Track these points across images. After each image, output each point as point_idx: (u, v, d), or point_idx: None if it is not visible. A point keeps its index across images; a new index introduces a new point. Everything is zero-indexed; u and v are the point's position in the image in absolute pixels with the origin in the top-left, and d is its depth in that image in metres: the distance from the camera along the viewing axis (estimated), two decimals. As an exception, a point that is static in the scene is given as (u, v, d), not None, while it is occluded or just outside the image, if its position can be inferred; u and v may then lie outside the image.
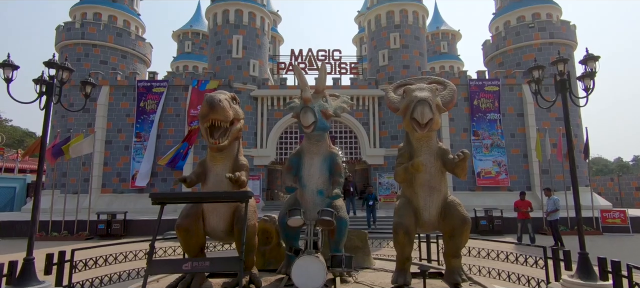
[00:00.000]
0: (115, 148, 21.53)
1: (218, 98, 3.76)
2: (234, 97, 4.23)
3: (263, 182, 21.30)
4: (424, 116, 3.62)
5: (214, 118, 3.75)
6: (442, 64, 33.06)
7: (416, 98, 3.69)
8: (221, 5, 22.94)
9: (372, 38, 24.35)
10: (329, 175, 4.64)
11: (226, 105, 3.81)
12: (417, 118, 3.66)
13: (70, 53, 22.67)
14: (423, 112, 3.61)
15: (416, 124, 3.73)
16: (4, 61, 4.19)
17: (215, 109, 3.69)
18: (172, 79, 22.31)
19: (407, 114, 3.84)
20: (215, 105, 3.68)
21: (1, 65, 4.18)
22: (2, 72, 4.21)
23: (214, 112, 3.71)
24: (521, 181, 20.57)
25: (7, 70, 4.22)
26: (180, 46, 34.24)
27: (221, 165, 4.17)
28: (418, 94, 3.74)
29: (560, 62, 4.64)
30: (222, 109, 3.73)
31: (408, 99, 3.86)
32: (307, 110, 4.43)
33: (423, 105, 3.61)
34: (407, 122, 3.85)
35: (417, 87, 4.04)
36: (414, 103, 3.67)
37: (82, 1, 23.79)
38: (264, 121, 22.04)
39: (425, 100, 3.64)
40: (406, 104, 3.86)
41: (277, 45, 34.86)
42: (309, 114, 4.43)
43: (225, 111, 3.77)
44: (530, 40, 23.06)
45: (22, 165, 30.97)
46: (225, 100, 3.89)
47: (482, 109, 21.44)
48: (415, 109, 3.65)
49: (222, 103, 3.74)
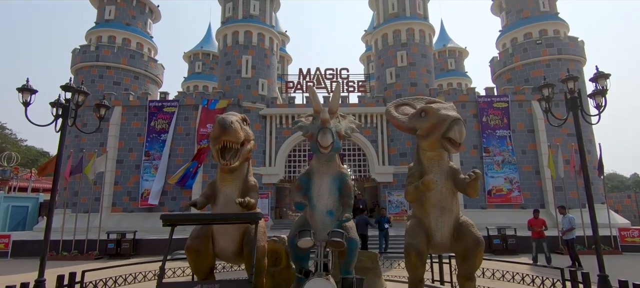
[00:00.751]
0: (126, 167, 21.79)
1: (229, 120, 3.81)
2: (244, 118, 4.28)
3: (272, 201, 21.27)
4: (462, 135, 3.64)
5: (226, 139, 3.79)
6: (450, 80, 33.10)
7: (450, 117, 3.70)
8: (231, 27, 23.49)
9: (379, 56, 24.56)
10: (339, 196, 4.63)
11: (237, 126, 3.85)
12: (454, 138, 3.66)
13: (85, 75, 23.34)
14: (461, 132, 3.63)
15: (450, 144, 3.72)
16: (23, 86, 4.33)
17: (227, 130, 3.73)
18: (182, 98, 22.69)
19: (433, 134, 3.83)
20: (227, 127, 3.73)
21: (20, 90, 4.32)
22: (20, 96, 4.35)
23: (225, 134, 3.75)
24: (534, 198, 20.17)
25: (25, 94, 4.36)
26: (191, 67, 34.96)
27: (231, 186, 4.18)
28: (450, 113, 3.76)
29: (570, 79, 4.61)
30: (234, 131, 3.77)
31: (435, 118, 3.84)
32: (327, 132, 4.47)
33: (460, 125, 3.63)
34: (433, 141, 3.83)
35: (441, 106, 4.05)
36: (448, 122, 3.67)
37: (98, 25, 24.59)
38: (272, 139, 22.17)
39: (460, 119, 3.67)
40: (433, 123, 3.84)
41: (286, 65, 35.38)
42: (328, 135, 4.46)
43: (237, 133, 3.82)
44: (538, 56, 23.02)
45: (35, 184, 31.49)
46: (237, 121, 3.94)
47: (492, 125, 21.27)
48: (451, 128, 3.65)
49: (234, 125, 3.79)
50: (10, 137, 45.23)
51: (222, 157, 3.91)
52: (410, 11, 24.13)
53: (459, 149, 3.78)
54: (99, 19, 25.05)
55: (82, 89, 4.57)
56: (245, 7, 23.94)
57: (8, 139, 44.62)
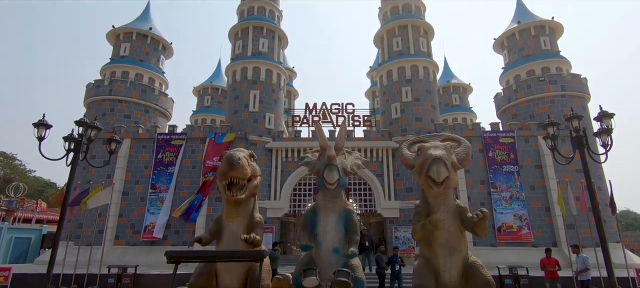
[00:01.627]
0: (131, 199, 21.80)
1: (237, 156, 3.87)
2: (251, 154, 4.34)
3: (276, 235, 20.96)
4: (440, 174, 3.61)
5: (233, 175, 3.84)
6: (455, 116, 33.32)
7: (431, 156, 3.71)
8: (240, 63, 24.21)
9: (384, 92, 24.96)
10: (345, 233, 4.58)
11: (244, 163, 3.91)
12: (433, 176, 3.65)
13: (97, 108, 23.94)
14: (439, 171, 3.61)
15: (432, 182, 3.71)
16: (40, 121, 4.48)
17: (235, 167, 3.78)
18: (190, 131, 23.02)
19: (422, 172, 3.85)
20: (235, 163, 3.78)
21: (36, 124, 4.46)
22: (36, 130, 4.49)
23: (233, 170, 3.80)
24: (545, 236, 19.64)
25: (41, 129, 4.49)
26: (200, 100, 35.74)
27: (237, 223, 4.18)
28: (433, 152, 3.77)
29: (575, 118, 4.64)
30: (241, 167, 3.83)
31: (423, 157, 3.88)
32: (333, 168, 4.52)
33: (438, 164, 3.62)
34: (423, 180, 3.84)
35: (432, 145, 4.07)
36: (429, 161, 3.69)
37: (113, 61, 25.51)
38: (278, 173, 22.18)
39: (441, 158, 3.66)
40: (421, 162, 3.88)
41: (292, 99, 36.03)
42: (334, 171, 4.51)
43: (244, 169, 3.87)
44: (541, 92, 23.22)
45: (40, 215, 31.46)
46: (244, 158, 3.99)
47: (498, 161, 21.14)
48: (430, 167, 3.66)
49: (241, 161, 3.84)
50: (19, 168, 45.81)
51: (229, 191, 3.93)
52: (414, 49, 24.76)
53: (440, 188, 3.75)
54: (114, 55, 26.01)
55: (95, 125, 4.70)
56: (255, 44, 24.78)
57: (17, 169, 45.19)
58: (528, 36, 25.57)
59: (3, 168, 43.31)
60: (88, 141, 4.65)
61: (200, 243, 4.05)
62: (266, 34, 25.42)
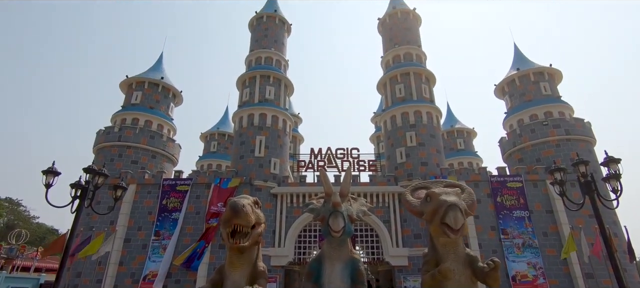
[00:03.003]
0: (132, 246, 21.41)
1: (241, 203, 3.86)
2: (256, 201, 4.32)
3: (280, 285, 20.20)
4: (458, 221, 3.58)
5: (237, 223, 3.80)
6: (461, 160, 33.21)
7: (446, 203, 3.68)
8: (247, 110, 24.78)
9: (389, 136, 25.14)
10: (351, 283, 4.43)
11: (249, 210, 3.89)
12: (449, 223, 3.61)
13: (105, 154, 24.28)
14: (456, 217, 3.58)
15: (448, 229, 3.65)
16: (49, 168, 4.55)
17: (239, 214, 3.76)
18: (196, 177, 23.06)
19: (434, 219, 3.79)
20: (239, 210, 3.77)
21: (45, 172, 4.53)
22: (44, 178, 4.55)
23: (237, 217, 3.77)
24: (563, 287, 18.70)
25: (49, 177, 4.55)
26: (206, 146, 36.19)
27: (239, 273, 4.07)
28: (447, 199, 3.74)
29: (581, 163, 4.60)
30: (245, 214, 3.80)
31: (435, 203, 3.84)
32: (338, 215, 4.47)
33: (455, 211, 3.59)
34: (435, 227, 3.78)
35: (442, 191, 4.05)
36: (445, 208, 3.65)
37: (124, 109, 26.26)
38: (282, 219, 21.85)
39: (456, 204, 3.64)
40: (434, 208, 3.83)
41: (298, 144, 36.36)
42: (340, 219, 4.46)
43: (248, 216, 3.84)
44: (546, 136, 23.23)
45: (39, 264, 30.82)
46: (248, 205, 3.98)
47: (507, 205, 20.72)
48: (447, 214, 3.62)
49: (245, 208, 3.83)
50: (23, 214, 45.73)
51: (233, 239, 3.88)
52: (416, 95, 25.26)
53: (457, 235, 3.69)
54: (125, 103, 26.81)
55: (103, 172, 4.76)
56: (261, 92, 25.50)
57: (21, 215, 45.09)
58: (528, 82, 26.08)
59: (7, 214, 43.24)
60: (95, 188, 4.68)
61: (203, 293, 3.93)
62: (273, 82, 26.22)
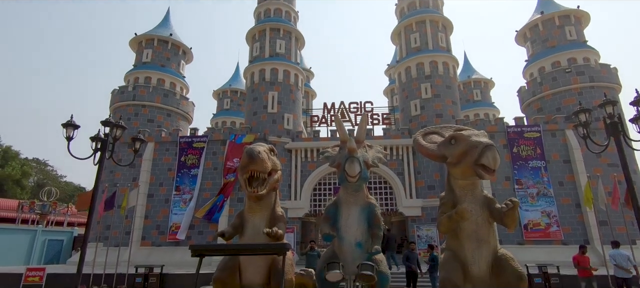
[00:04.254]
0: (156, 201, 22.35)
1: (257, 150, 3.88)
2: (271, 149, 4.34)
3: (297, 235, 21.01)
4: (497, 161, 3.55)
5: (254, 169, 3.84)
6: (477, 111, 32.52)
7: (482, 143, 3.62)
8: (258, 65, 24.45)
9: (403, 89, 24.63)
10: (367, 227, 4.51)
11: (265, 156, 3.91)
12: (488, 164, 3.56)
13: (122, 113, 24.62)
14: (495, 158, 3.55)
15: (485, 170, 3.61)
16: (68, 121, 4.64)
17: (255, 160, 3.79)
18: (211, 134, 23.40)
19: (464, 160, 3.74)
20: (255, 157, 3.79)
21: (65, 125, 4.62)
22: (64, 131, 4.65)
23: (253, 164, 3.81)
24: (576, 234, 18.84)
25: (69, 130, 4.65)
26: (219, 104, 36.33)
27: (259, 217, 4.18)
28: (481, 139, 3.68)
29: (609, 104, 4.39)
30: (262, 161, 3.83)
31: (466, 144, 3.77)
32: (354, 161, 4.47)
33: (493, 151, 3.55)
34: (464, 168, 3.74)
35: (472, 132, 3.97)
36: (481, 148, 3.59)
37: (136, 67, 26.29)
38: (298, 173, 22.24)
39: (493, 145, 3.59)
40: (464, 150, 3.76)
41: (310, 100, 36.10)
42: (355, 164, 4.46)
43: (264, 163, 3.87)
44: (568, 84, 22.33)
45: (71, 218, 32.75)
46: (264, 152, 4.00)
47: (523, 156, 20.45)
48: (484, 154, 3.57)
49: (261, 155, 3.85)
50: (51, 173, 47.90)
51: (250, 186, 3.94)
52: (432, 44, 24.32)
53: (492, 177, 3.64)
54: (137, 62, 26.79)
55: (120, 124, 4.83)
56: (272, 46, 24.97)
57: (49, 175, 47.26)
58: (552, 26, 24.66)
59: (36, 174, 45.38)
60: (113, 140, 4.77)
61: (223, 237, 4.08)
62: (283, 36, 25.57)
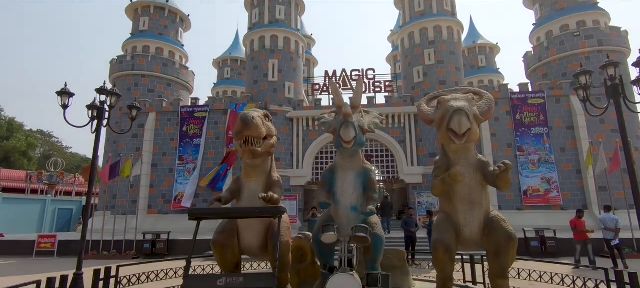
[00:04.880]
0: (160, 171, 22.65)
1: (251, 115, 3.88)
2: (266, 114, 4.33)
3: (300, 203, 21.37)
4: (462, 126, 3.48)
5: (248, 134, 3.85)
6: (481, 78, 32.01)
7: (452, 108, 3.57)
8: (258, 33, 23.95)
9: (406, 55, 24.17)
10: (363, 191, 4.56)
11: (259, 122, 3.91)
12: (454, 128, 3.52)
13: (122, 83, 24.58)
14: (460, 122, 3.47)
15: (453, 135, 3.58)
16: (62, 89, 4.62)
17: (249, 125, 3.79)
18: (212, 103, 23.34)
19: (443, 125, 3.71)
20: (249, 122, 3.79)
21: (59, 93, 4.61)
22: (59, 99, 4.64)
23: (247, 129, 3.81)
24: (575, 199, 19.02)
25: (64, 97, 4.64)
26: (220, 73, 35.96)
27: (255, 182, 4.24)
28: (454, 104, 3.62)
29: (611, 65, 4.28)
30: (255, 126, 3.83)
31: (443, 108, 3.74)
32: (349, 126, 4.43)
33: (460, 115, 3.47)
34: (443, 133, 3.72)
35: (453, 97, 3.92)
36: (451, 113, 3.54)
37: (134, 36, 25.86)
38: (299, 142, 22.31)
39: (462, 109, 3.51)
40: (442, 114, 3.73)
41: (312, 68, 35.59)
42: (350, 129, 4.43)
43: (258, 128, 3.87)
44: (576, 49, 21.77)
45: (79, 188, 33.42)
46: (258, 117, 3.99)
47: (526, 123, 20.32)
48: (452, 118, 3.52)
49: (255, 120, 3.85)
50: (56, 145, 48.38)
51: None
52: (437, 8, 23.59)
53: (462, 140, 3.60)
54: (134, 30, 26.32)
55: (115, 91, 4.81)
56: (271, 12, 24.33)
57: (55, 146, 47.74)
58: (562, -13, 23.73)
59: (42, 145, 45.86)
60: (110, 108, 4.78)
61: (219, 202, 4.15)
62: (283, 1, 24.85)
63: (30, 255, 16.24)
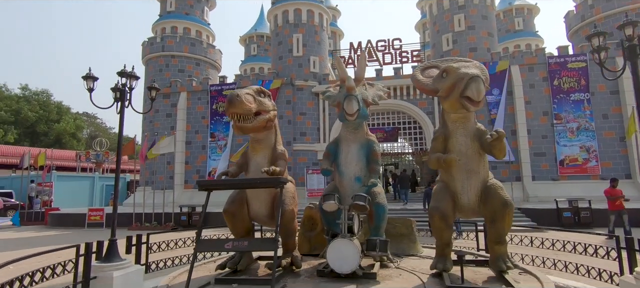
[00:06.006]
0: (193, 148, 23.76)
1: (236, 93, 4.06)
2: (261, 90, 4.49)
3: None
4: (480, 93, 3.53)
5: (233, 112, 4.06)
6: (518, 42, 30.12)
7: (468, 75, 3.59)
8: (281, 7, 23.84)
9: (435, 22, 23.20)
10: (366, 163, 4.69)
11: (244, 99, 4.07)
12: (471, 96, 3.57)
13: (154, 65, 25.63)
14: (479, 89, 3.52)
15: (469, 102, 3.62)
16: (87, 74, 5.04)
17: (233, 103, 3.99)
18: (239, 81, 23.82)
19: (453, 93, 3.74)
20: (233, 100, 3.99)
21: (85, 77, 5.04)
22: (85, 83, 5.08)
23: (232, 107, 4.02)
24: (617, 168, 17.90)
25: (89, 82, 5.07)
26: (247, 50, 36.37)
27: (260, 155, 4.50)
28: (468, 71, 3.63)
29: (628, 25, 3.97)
30: (240, 103, 4.01)
31: (454, 77, 3.73)
32: (352, 99, 4.55)
33: (478, 82, 3.52)
34: (452, 102, 3.76)
35: (461, 64, 3.89)
36: (466, 80, 3.57)
37: (162, 17, 26.63)
38: (326, 116, 22.43)
39: (479, 76, 3.55)
40: (453, 83, 3.73)
41: (338, 40, 35.07)
42: (353, 102, 4.55)
43: (243, 104, 4.04)
44: (625, 4, 19.87)
45: (123, 166, 35.87)
46: (247, 94, 4.17)
47: (565, 89, 19.11)
48: (469, 86, 3.55)
49: (239, 97, 4.02)
50: (101, 126, 51.74)
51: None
52: (467, -31, 22.24)
53: (477, 107, 3.62)
54: (162, 11, 27.07)
55: (133, 74, 5.17)
56: (294, -15, 24.03)
57: (99, 127, 51.10)
58: (612, -64, 21.45)
59: (88, 127, 49.24)
60: (130, 89, 5.16)
61: (227, 175, 4.47)
62: (305, -28, 24.40)
63: (82, 227, 17.93)
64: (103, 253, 5.09)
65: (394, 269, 4.48)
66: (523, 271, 4.10)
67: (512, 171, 18.89)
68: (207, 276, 4.26)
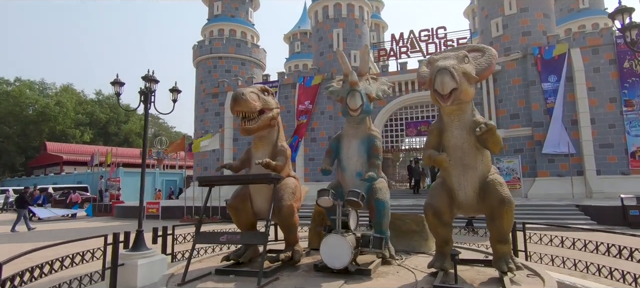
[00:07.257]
0: (241, 145, 24.79)
1: (241, 92, 4.20)
2: (265, 89, 4.61)
3: (367, 171, 21.50)
4: (444, 86, 3.26)
5: (238, 110, 4.20)
6: (582, 22, 27.10)
7: (436, 67, 3.37)
8: (321, 2, 23.92)
9: (483, 7, 21.73)
10: (367, 158, 4.62)
11: (249, 97, 4.20)
12: (437, 88, 3.34)
13: (203, 67, 27.20)
14: (442, 82, 3.26)
15: (439, 96, 3.40)
16: (115, 80, 5.57)
17: (238, 102, 4.13)
18: (282, 78, 24.41)
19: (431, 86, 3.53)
20: (238, 98, 4.13)
21: (112, 83, 5.57)
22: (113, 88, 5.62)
23: (237, 105, 4.16)
24: None
25: (116, 86, 5.59)
26: (291, 47, 37.08)
27: (262, 152, 4.64)
28: (440, 63, 3.40)
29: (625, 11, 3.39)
30: (245, 101, 4.14)
31: (431, 69, 3.54)
32: (355, 93, 4.53)
33: (442, 74, 3.26)
34: (432, 94, 3.54)
35: (442, 55, 3.66)
36: (433, 73, 3.36)
37: (210, 21, 28.12)
38: (366, 110, 22.16)
39: (446, 68, 3.28)
40: (430, 76, 3.54)
41: (381, 32, 34.35)
42: (357, 97, 4.52)
43: (247, 103, 4.16)
44: None
45: (181, 163, 38.61)
46: (251, 93, 4.29)
47: (637, 71, 16.89)
48: (435, 79, 3.33)
49: (244, 96, 4.15)
50: (163, 125, 56.17)
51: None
52: (519, -55, 20.48)
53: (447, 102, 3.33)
54: (210, 16, 28.58)
55: (153, 78, 5.59)
56: (334, -20, 23.96)
57: (162, 126, 55.52)
58: None
59: (152, 126, 53.77)
60: (151, 92, 5.60)
61: (230, 168, 4.68)
62: (345, -34, 24.20)
63: (142, 218, 19.73)
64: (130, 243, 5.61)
65: (395, 266, 4.37)
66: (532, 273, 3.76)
67: (573, 164, 17.19)
68: (211, 266, 4.51)
